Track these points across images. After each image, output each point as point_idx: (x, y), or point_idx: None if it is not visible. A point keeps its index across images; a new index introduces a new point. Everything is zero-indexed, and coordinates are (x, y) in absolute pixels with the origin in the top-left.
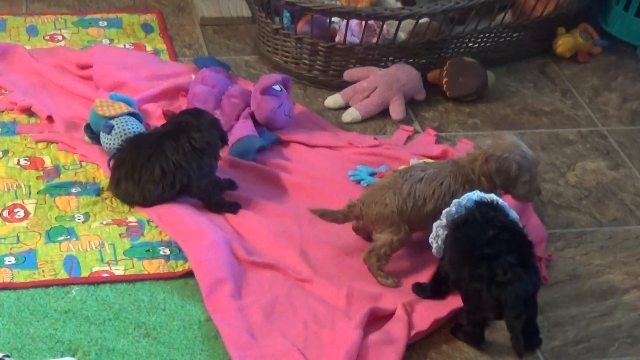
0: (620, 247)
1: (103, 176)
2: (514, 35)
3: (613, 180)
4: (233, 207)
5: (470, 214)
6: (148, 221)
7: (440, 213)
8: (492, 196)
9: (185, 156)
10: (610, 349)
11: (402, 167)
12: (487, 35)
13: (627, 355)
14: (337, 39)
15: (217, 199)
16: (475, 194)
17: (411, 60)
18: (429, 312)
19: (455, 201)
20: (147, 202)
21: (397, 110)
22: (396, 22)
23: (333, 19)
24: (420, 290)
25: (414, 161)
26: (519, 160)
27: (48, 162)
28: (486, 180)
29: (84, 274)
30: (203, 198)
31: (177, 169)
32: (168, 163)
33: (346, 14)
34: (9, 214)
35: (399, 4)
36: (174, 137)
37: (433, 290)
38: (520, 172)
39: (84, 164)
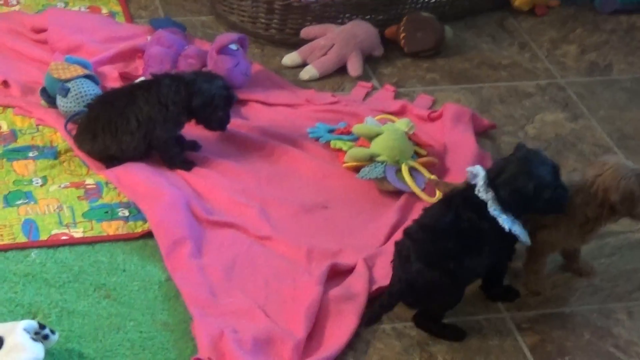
0: None
1: (60, 140)
2: None
3: (572, 131)
4: (187, 165)
5: (457, 198)
6: (106, 183)
7: None
8: (480, 182)
9: (153, 108)
10: (571, 298)
11: None
12: None
13: (587, 304)
14: None
15: (174, 153)
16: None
17: (368, 16)
18: (390, 267)
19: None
20: (123, 154)
21: (354, 66)
22: None
23: None
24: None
25: (369, 119)
26: (636, 180)
27: (4, 127)
28: (606, 213)
29: (43, 237)
30: (160, 151)
31: (150, 120)
32: (142, 114)
33: None
34: None
35: None
36: (146, 89)
37: None
38: None
39: (40, 127)
